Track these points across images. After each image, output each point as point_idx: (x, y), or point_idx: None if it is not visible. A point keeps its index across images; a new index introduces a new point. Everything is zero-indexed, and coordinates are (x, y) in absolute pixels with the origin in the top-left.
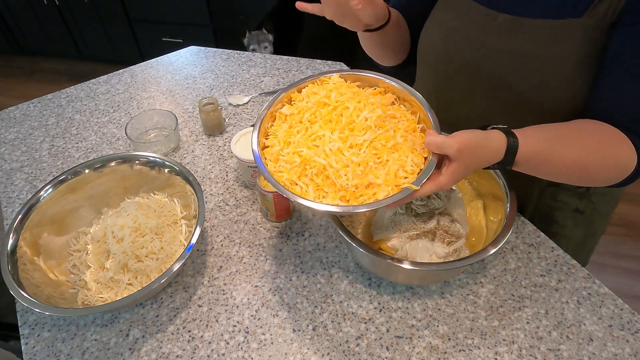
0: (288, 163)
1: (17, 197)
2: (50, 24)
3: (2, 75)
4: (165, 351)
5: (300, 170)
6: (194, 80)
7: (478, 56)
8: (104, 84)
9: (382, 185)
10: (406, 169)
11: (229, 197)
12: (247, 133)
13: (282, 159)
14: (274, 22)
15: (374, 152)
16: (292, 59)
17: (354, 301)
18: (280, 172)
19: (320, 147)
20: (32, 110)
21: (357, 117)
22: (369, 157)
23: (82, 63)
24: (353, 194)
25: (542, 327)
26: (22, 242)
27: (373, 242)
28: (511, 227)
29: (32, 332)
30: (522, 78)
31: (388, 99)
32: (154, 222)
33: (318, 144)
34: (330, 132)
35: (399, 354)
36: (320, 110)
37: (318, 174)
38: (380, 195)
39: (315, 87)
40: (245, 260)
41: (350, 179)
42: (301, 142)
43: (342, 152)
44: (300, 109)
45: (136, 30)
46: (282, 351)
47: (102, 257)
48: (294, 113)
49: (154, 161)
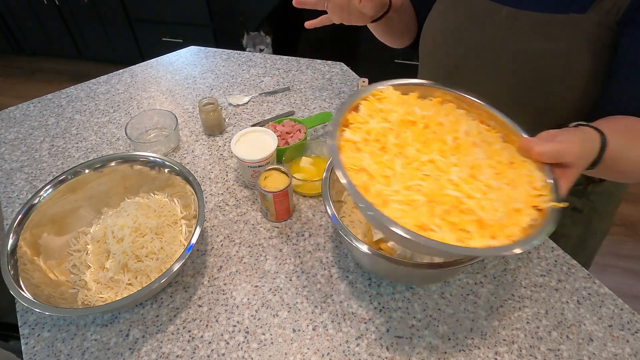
0: (405, 204)
1: (17, 197)
2: (50, 24)
3: (2, 75)
4: (165, 351)
5: (428, 209)
6: (194, 80)
7: (479, 50)
8: (104, 84)
9: (523, 209)
10: (536, 186)
11: (229, 197)
12: (247, 133)
13: (392, 199)
14: (273, 24)
15: (496, 172)
16: (292, 59)
17: (354, 301)
18: (400, 218)
19: (438, 176)
20: (32, 110)
21: (457, 133)
22: (492, 177)
23: (82, 63)
24: (500, 227)
25: (542, 327)
26: (22, 242)
27: (373, 242)
28: None
29: (32, 332)
30: (523, 72)
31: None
32: (154, 222)
33: (429, 173)
34: (440, 155)
35: (399, 354)
36: (405, 131)
37: (451, 211)
38: (524, 221)
39: (372, 103)
40: (245, 260)
41: (498, 210)
42: (407, 174)
43: (474, 178)
44: (376, 132)
45: (136, 30)
46: (282, 351)
47: (102, 257)
48: (367, 139)
49: (154, 161)
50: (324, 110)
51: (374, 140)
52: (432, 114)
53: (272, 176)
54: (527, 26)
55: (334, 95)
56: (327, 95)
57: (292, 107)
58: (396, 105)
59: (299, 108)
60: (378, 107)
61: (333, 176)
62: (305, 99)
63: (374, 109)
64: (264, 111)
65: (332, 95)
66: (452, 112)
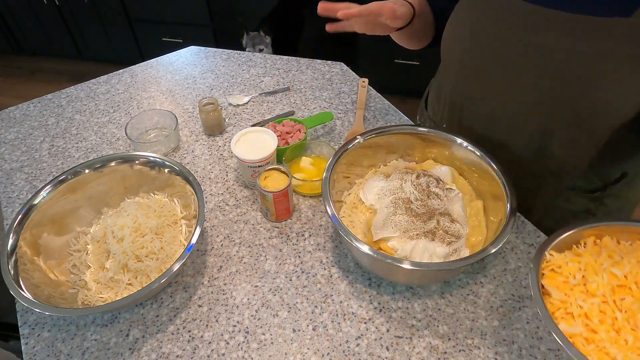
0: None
1: (17, 197)
2: (50, 24)
3: (2, 75)
4: (165, 351)
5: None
6: (194, 80)
7: (512, 52)
8: (104, 84)
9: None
10: None
11: (229, 197)
12: (247, 133)
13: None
14: (273, 24)
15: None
16: (292, 59)
17: (354, 301)
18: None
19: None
20: (32, 110)
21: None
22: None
23: (82, 63)
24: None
25: (542, 327)
26: (22, 242)
27: (373, 242)
28: (511, 227)
29: (32, 332)
30: (560, 75)
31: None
32: (154, 222)
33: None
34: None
35: (399, 354)
36: (623, 298)
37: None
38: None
39: (554, 280)
40: (245, 260)
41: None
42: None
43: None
44: (596, 315)
45: (136, 30)
46: (282, 351)
47: (102, 257)
48: (590, 325)
49: (154, 161)
50: (324, 110)
51: (600, 324)
52: (631, 265)
53: (272, 176)
54: (567, 29)
55: (334, 95)
56: (327, 95)
57: (292, 107)
58: (580, 270)
59: (299, 108)
60: (570, 285)
61: (333, 176)
62: (305, 99)
63: (565, 288)
64: (264, 111)
65: (332, 95)
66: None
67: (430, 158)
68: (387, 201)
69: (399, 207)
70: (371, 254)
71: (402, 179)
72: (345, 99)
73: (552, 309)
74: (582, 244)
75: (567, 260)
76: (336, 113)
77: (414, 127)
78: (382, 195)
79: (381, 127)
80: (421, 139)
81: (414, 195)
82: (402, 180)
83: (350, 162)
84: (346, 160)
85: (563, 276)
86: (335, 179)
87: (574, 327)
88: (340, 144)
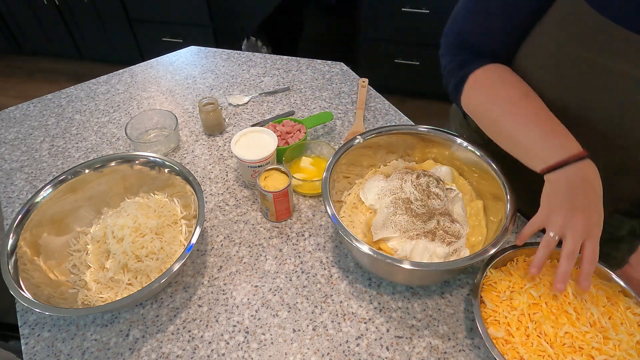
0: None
1: (17, 197)
2: (50, 24)
3: (2, 75)
4: (165, 351)
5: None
6: (194, 80)
7: (599, 82)
8: (104, 84)
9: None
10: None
11: (229, 197)
12: (247, 133)
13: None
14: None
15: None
16: (292, 59)
17: (354, 301)
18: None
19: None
20: (32, 110)
21: (568, 298)
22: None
23: (82, 63)
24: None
25: None
26: (22, 242)
27: (373, 242)
28: (511, 227)
29: (32, 332)
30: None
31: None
32: (154, 222)
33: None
34: (572, 326)
35: (399, 354)
36: (534, 313)
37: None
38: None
39: (490, 293)
40: (245, 260)
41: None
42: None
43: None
44: (515, 324)
45: (136, 30)
46: (282, 351)
47: (102, 257)
48: (510, 331)
49: (154, 161)
50: (324, 110)
51: (516, 330)
52: (545, 287)
53: (272, 176)
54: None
55: (334, 95)
56: (327, 95)
57: (292, 107)
58: (509, 288)
59: (299, 108)
60: (500, 299)
61: (333, 176)
62: (305, 99)
63: (497, 301)
64: (264, 111)
65: (332, 95)
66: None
67: (430, 158)
68: (387, 201)
69: (399, 207)
70: (371, 254)
71: (402, 179)
72: (345, 99)
73: (485, 316)
74: (515, 260)
75: (501, 278)
76: (336, 113)
77: (414, 127)
78: (382, 195)
79: (381, 127)
80: (421, 139)
81: (414, 196)
82: (402, 180)
83: (350, 162)
84: (346, 160)
85: (497, 291)
86: (335, 179)
87: (498, 332)
88: (340, 144)
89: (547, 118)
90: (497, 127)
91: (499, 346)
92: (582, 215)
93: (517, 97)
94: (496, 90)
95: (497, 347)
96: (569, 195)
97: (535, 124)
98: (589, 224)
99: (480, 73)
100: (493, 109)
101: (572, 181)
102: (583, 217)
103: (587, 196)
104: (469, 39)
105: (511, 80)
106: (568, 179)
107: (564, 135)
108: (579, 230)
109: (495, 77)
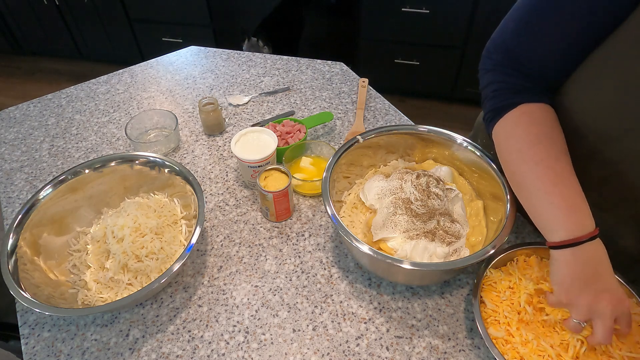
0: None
1: (17, 197)
2: (50, 24)
3: (2, 75)
4: (165, 351)
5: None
6: (194, 80)
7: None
8: (104, 84)
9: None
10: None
11: (229, 197)
12: (247, 133)
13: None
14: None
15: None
16: (292, 59)
17: (354, 301)
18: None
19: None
20: (32, 110)
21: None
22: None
23: (82, 63)
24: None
25: None
26: (22, 242)
27: (373, 242)
28: (511, 227)
29: (32, 332)
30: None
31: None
32: (154, 222)
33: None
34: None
35: (399, 354)
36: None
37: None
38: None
39: (490, 293)
40: (245, 260)
41: None
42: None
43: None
44: (516, 323)
45: (136, 30)
46: (282, 351)
47: (102, 257)
48: (511, 331)
49: (154, 161)
50: (324, 110)
51: (516, 330)
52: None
53: (272, 176)
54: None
55: (334, 95)
56: (327, 95)
57: (292, 107)
58: (509, 288)
59: (299, 108)
60: (500, 299)
61: (333, 176)
62: (305, 99)
63: (497, 300)
64: (264, 111)
65: (332, 95)
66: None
67: (430, 158)
68: (387, 201)
69: (399, 207)
70: (371, 254)
71: (402, 179)
72: (345, 99)
73: (485, 316)
74: (515, 260)
75: (501, 278)
76: (336, 113)
77: (414, 127)
78: (382, 195)
79: (381, 127)
80: (421, 139)
81: (414, 196)
82: (402, 180)
83: (350, 162)
84: (346, 160)
85: (497, 291)
86: (335, 179)
87: (498, 332)
88: (340, 144)
89: (570, 185)
90: (520, 181)
91: (499, 346)
92: (608, 297)
93: (550, 159)
94: (533, 145)
95: (497, 347)
96: (585, 276)
97: (559, 193)
98: (618, 301)
99: (526, 111)
100: (521, 164)
101: (586, 261)
102: (610, 299)
103: (604, 275)
104: (519, 56)
105: (552, 135)
106: (582, 257)
107: (584, 211)
108: (608, 313)
109: (539, 124)
